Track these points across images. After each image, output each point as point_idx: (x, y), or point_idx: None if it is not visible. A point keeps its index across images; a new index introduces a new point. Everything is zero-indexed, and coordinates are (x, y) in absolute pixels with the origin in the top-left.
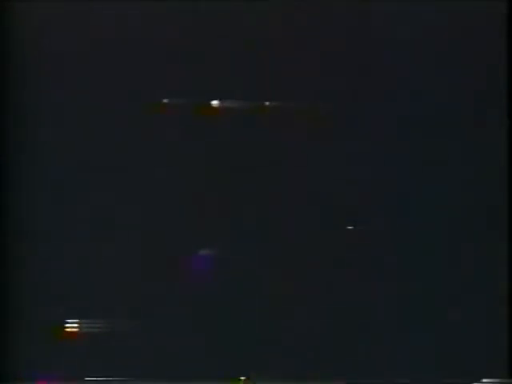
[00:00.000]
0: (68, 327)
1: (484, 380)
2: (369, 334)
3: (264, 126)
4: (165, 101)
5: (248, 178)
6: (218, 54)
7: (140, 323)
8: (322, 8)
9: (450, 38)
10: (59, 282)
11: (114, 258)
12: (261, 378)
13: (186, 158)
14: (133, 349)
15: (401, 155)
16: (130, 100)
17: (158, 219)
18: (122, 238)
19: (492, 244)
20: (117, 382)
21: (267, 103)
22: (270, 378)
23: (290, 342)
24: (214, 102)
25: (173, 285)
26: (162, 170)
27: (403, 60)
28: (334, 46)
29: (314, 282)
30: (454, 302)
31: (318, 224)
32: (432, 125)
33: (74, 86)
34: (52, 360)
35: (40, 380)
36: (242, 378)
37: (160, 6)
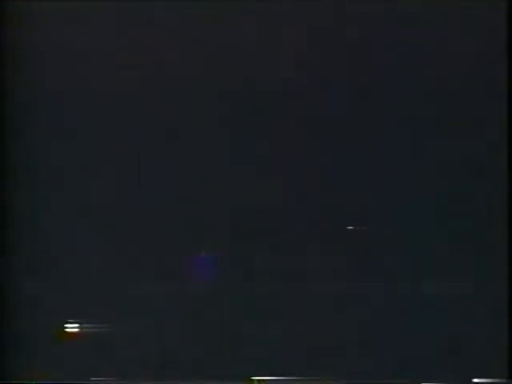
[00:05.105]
0: (68, 328)
1: (484, 380)
2: (368, 334)
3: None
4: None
5: (248, 177)
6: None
7: (139, 324)
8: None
9: (449, 38)
10: (59, 282)
11: (114, 258)
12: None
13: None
14: (133, 349)
15: (400, 155)
16: (131, 98)
17: (158, 219)
18: (122, 238)
19: (492, 244)
20: (117, 382)
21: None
22: (271, 378)
23: (290, 342)
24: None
25: (173, 285)
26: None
27: (403, 58)
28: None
29: (314, 281)
30: (454, 302)
31: (318, 224)
32: (432, 124)
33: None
34: (52, 360)
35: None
36: (256, 378)
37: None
